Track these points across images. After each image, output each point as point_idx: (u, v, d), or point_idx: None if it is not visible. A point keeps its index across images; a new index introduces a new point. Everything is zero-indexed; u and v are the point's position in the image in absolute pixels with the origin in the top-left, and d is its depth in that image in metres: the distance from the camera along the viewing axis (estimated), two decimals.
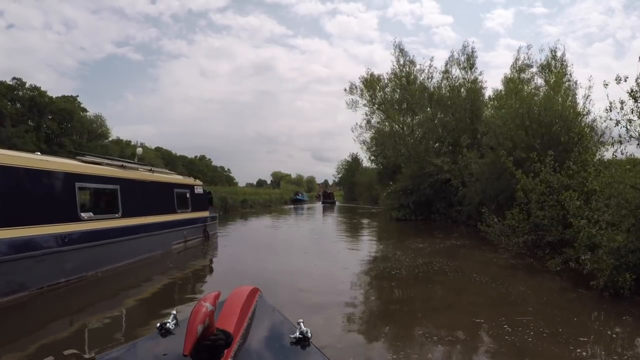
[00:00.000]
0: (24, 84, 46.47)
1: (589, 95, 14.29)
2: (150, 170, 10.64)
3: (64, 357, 1.06)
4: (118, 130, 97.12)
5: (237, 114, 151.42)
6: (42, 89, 47.01)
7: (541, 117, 14.74)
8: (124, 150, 54.08)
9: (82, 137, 49.91)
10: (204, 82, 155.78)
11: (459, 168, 18.59)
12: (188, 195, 11.55)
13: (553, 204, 10.13)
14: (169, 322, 1.50)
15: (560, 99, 15.19)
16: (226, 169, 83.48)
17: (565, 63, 19.09)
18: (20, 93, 46.40)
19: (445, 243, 12.14)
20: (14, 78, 46.30)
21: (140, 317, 5.59)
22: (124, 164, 9.71)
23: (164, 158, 60.97)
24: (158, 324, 1.47)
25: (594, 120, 14.71)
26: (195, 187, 12.08)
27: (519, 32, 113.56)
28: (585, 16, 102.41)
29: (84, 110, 50.62)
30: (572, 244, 9.11)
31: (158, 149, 62.21)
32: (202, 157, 74.52)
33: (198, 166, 69.73)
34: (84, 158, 8.99)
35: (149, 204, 9.79)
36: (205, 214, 12.47)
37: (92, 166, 8.54)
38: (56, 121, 47.35)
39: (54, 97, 47.86)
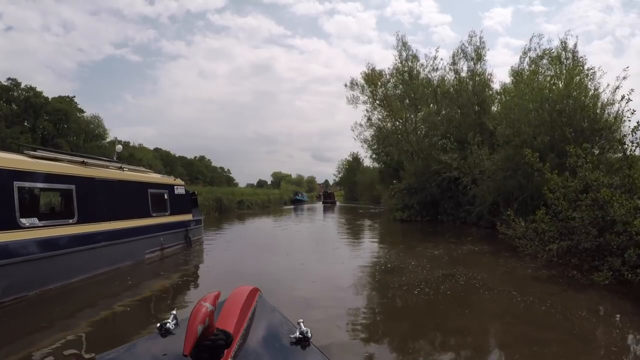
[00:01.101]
0: (19, 84, 45.02)
1: (619, 86, 12.79)
2: (120, 167, 9.00)
3: (64, 357, 1.05)
4: (118, 132, 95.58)
5: (237, 115, 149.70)
6: (42, 90, 45.58)
7: (562, 106, 13.22)
8: (121, 151, 52.68)
9: (79, 138, 48.42)
10: (203, 83, 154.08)
11: (469, 165, 16.95)
12: (166, 197, 9.87)
13: (590, 204, 8.53)
14: (169, 322, 1.46)
15: (585, 89, 13.71)
16: (226, 170, 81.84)
17: (576, 54, 17.65)
18: (15, 94, 44.95)
19: (461, 249, 10.43)
20: (8, 78, 44.81)
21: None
22: (85, 160, 8.07)
23: (163, 159, 59.49)
24: (158, 324, 1.44)
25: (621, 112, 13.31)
26: (175, 187, 10.39)
27: (518, 30, 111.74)
28: (583, 14, 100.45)
29: (81, 111, 49.03)
30: (614, 250, 7.56)
31: (157, 150, 60.69)
32: (202, 158, 72.86)
33: (198, 167, 68.14)
34: (32, 152, 7.35)
35: (115, 206, 8.14)
36: (188, 217, 10.78)
37: (39, 162, 6.87)
38: (52, 122, 45.81)
39: (49, 97, 46.40)
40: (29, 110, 45.18)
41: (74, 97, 49.06)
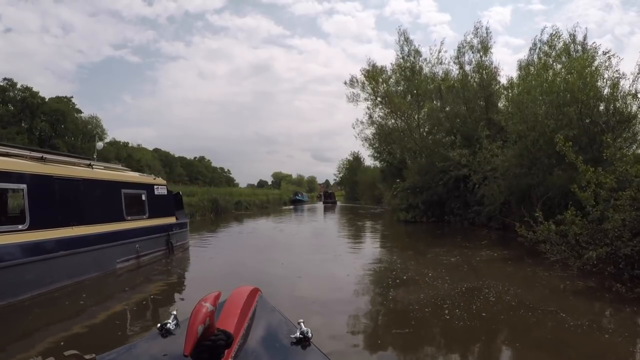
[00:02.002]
0: (15, 84, 43.94)
1: None
2: (89, 165, 7.77)
3: (65, 357, 1.05)
4: (118, 133, 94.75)
5: (236, 115, 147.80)
6: (41, 92, 44.59)
7: (582, 97, 12.01)
8: (119, 152, 51.51)
9: (76, 138, 47.33)
10: (203, 83, 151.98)
11: (479, 162, 15.68)
12: (144, 198, 8.60)
13: (629, 203, 7.33)
14: (169, 323, 1.43)
15: (601, 77, 12.50)
16: (226, 170, 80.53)
17: (586, 46, 16.44)
18: (11, 94, 43.88)
19: (479, 255, 9.12)
20: (4, 79, 43.75)
21: None
22: (45, 155, 6.84)
23: (162, 159, 58.37)
24: (158, 325, 1.42)
25: None
26: (155, 186, 9.10)
27: (517, 29, 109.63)
28: (583, 12, 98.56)
29: (78, 111, 47.93)
30: None
31: (156, 151, 59.56)
32: (202, 159, 71.58)
33: (197, 167, 66.93)
34: None
35: (79, 209, 6.88)
36: (170, 220, 9.48)
37: None
38: (49, 122, 44.72)
39: (46, 98, 45.31)
40: (25, 110, 44.14)
41: (72, 97, 47.92)
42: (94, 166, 7.82)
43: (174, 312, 1.47)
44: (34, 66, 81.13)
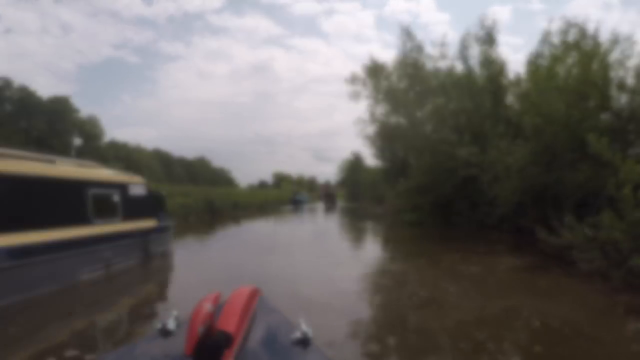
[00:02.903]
0: (11, 83, 43.05)
1: None
2: (51, 161, 6.65)
3: (66, 358, 1.28)
4: (118, 133, 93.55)
5: (236, 116, 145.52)
6: (41, 92, 43.72)
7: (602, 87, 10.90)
8: (119, 152, 50.50)
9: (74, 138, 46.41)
10: (202, 84, 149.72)
11: (491, 161, 14.51)
12: (116, 198, 7.47)
13: None
14: (170, 323, 1.42)
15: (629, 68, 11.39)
16: (226, 170, 79.27)
17: (597, 40, 15.28)
18: (8, 93, 43.00)
19: (500, 262, 7.88)
20: (1, 78, 42.85)
21: None
22: None
23: (162, 160, 57.38)
24: (159, 325, 1.41)
25: None
26: (130, 185, 7.98)
27: (517, 28, 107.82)
28: (582, 12, 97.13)
29: (76, 111, 46.94)
30: None
31: (156, 151, 58.53)
32: (202, 159, 70.39)
33: (197, 168, 65.84)
34: None
35: (31, 212, 5.77)
36: (149, 223, 8.33)
37: None
38: (47, 122, 43.79)
39: (43, 97, 44.40)
40: (22, 110, 43.31)
41: (69, 97, 47.05)
42: (57, 163, 6.71)
43: (175, 313, 1.45)
44: (34, 66, 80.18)
